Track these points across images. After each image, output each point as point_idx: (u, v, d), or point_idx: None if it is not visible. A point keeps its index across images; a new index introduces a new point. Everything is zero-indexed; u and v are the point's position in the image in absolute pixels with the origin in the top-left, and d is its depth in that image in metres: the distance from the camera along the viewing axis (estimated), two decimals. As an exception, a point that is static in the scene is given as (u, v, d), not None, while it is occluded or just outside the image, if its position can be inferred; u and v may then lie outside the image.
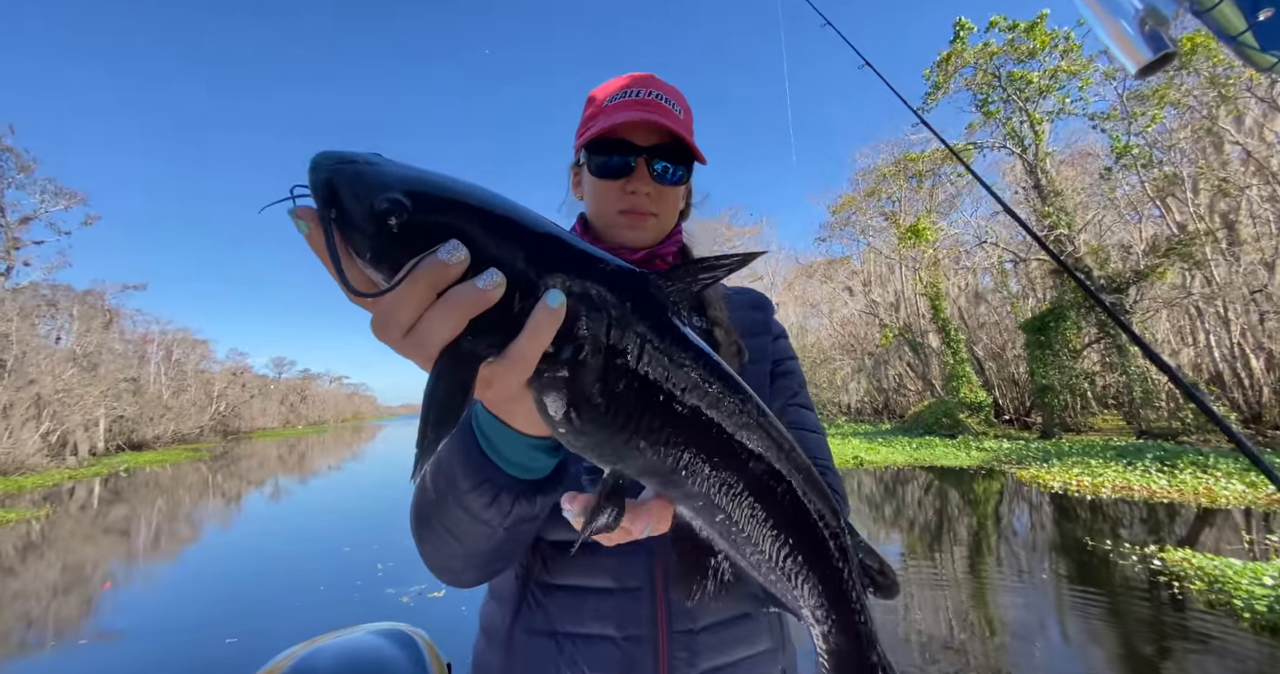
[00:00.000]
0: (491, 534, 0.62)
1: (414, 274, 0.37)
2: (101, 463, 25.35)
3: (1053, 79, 15.42)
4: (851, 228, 25.53)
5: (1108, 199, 16.76)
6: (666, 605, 0.74)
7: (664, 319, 0.44)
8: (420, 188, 0.39)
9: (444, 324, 0.38)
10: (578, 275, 0.42)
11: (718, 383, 0.45)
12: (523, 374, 0.40)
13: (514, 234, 0.41)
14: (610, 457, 0.46)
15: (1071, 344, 15.01)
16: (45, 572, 7.48)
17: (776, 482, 0.48)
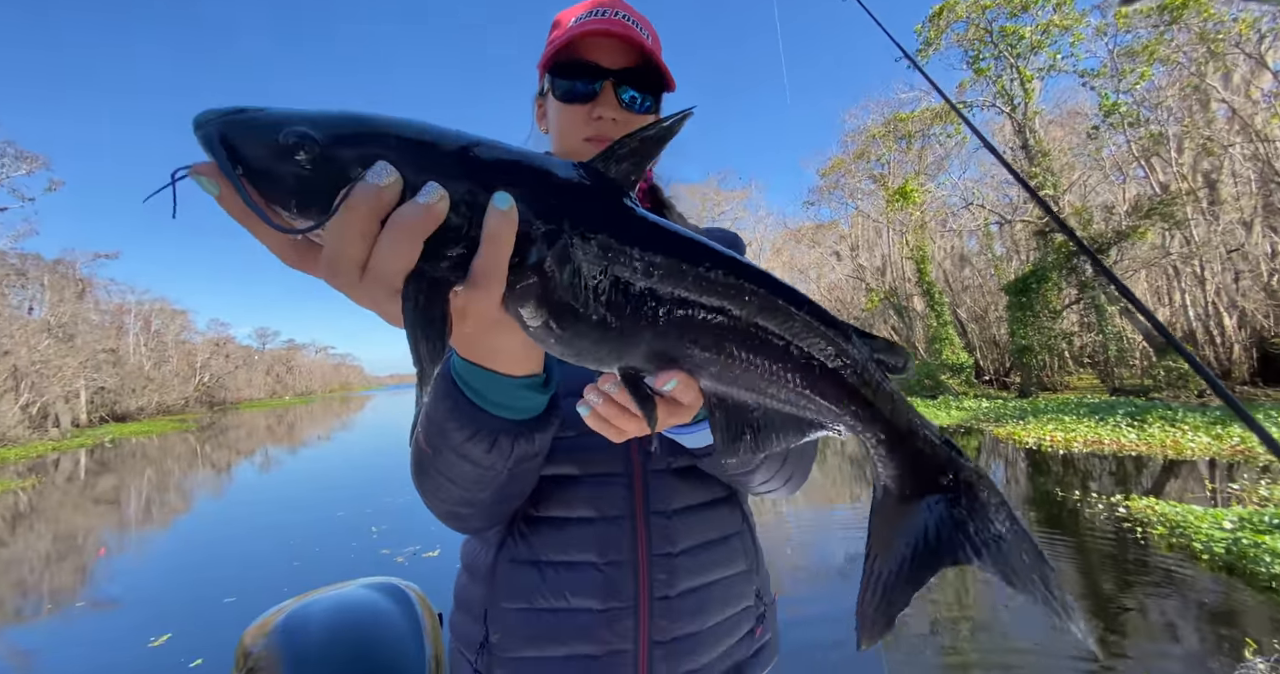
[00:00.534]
0: (496, 477, 0.62)
1: (349, 202, 0.35)
2: (85, 434, 25.13)
3: (1044, 34, 15.11)
4: (840, 191, 25.32)
5: (1094, 159, 16.74)
6: (647, 531, 0.76)
7: (619, 201, 0.43)
8: (324, 118, 0.37)
9: (397, 250, 0.36)
10: (518, 175, 0.40)
11: (689, 248, 0.44)
12: (495, 291, 0.38)
13: (440, 147, 0.39)
14: (611, 355, 0.44)
15: (1051, 305, 15.27)
16: (36, 542, 7.51)
17: (780, 321, 0.46)
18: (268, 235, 0.37)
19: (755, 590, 0.85)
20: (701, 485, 0.82)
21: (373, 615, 1.81)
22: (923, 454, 0.50)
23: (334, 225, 0.35)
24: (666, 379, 0.45)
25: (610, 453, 0.77)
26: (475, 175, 0.39)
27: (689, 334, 0.44)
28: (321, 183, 0.36)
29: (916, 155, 21.23)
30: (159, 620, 4.28)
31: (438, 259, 0.38)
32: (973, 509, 0.49)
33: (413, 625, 1.83)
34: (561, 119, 0.85)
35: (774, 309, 0.45)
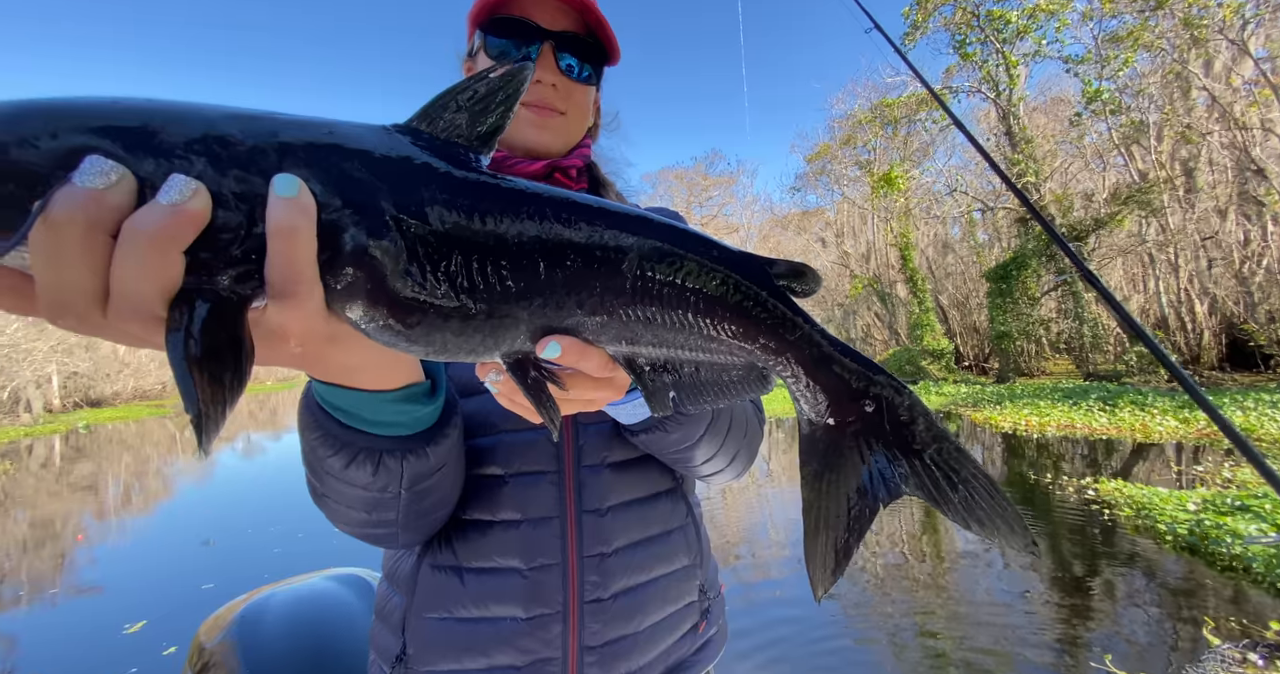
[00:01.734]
0: (393, 499, 0.57)
1: (48, 217, 0.26)
2: (59, 420, 24.55)
3: (1031, 18, 15.06)
4: (827, 177, 25.29)
5: (1076, 146, 16.88)
6: (578, 532, 0.72)
7: (449, 165, 0.36)
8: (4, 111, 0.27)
9: (147, 270, 0.27)
10: (306, 151, 0.32)
11: (543, 203, 0.37)
12: (308, 298, 0.31)
13: (183, 127, 0.29)
14: (485, 343, 0.38)
15: (1030, 291, 15.49)
16: (13, 528, 7.35)
17: (666, 264, 0.41)
18: None
19: (699, 585, 0.82)
20: (641, 479, 0.77)
21: (333, 607, 1.77)
22: (839, 379, 0.45)
23: (38, 251, 0.26)
24: (545, 345, 0.38)
25: (538, 450, 0.72)
26: (244, 158, 0.30)
27: (570, 300, 0.38)
28: (8, 197, 0.27)
29: (902, 141, 21.23)
30: (135, 607, 4.22)
31: (213, 270, 0.30)
32: (896, 432, 0.44)
33: (376, 616, 1.80)
34: None
35: (656, 252, 0.40)
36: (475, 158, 0.37)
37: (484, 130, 0.37)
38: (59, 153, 0.27)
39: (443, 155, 0.36)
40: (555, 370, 0.42)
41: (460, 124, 0.37)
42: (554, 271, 0.37)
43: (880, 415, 0.45)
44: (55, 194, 0.27)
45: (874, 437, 0.45)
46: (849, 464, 0.46)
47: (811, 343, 0.45)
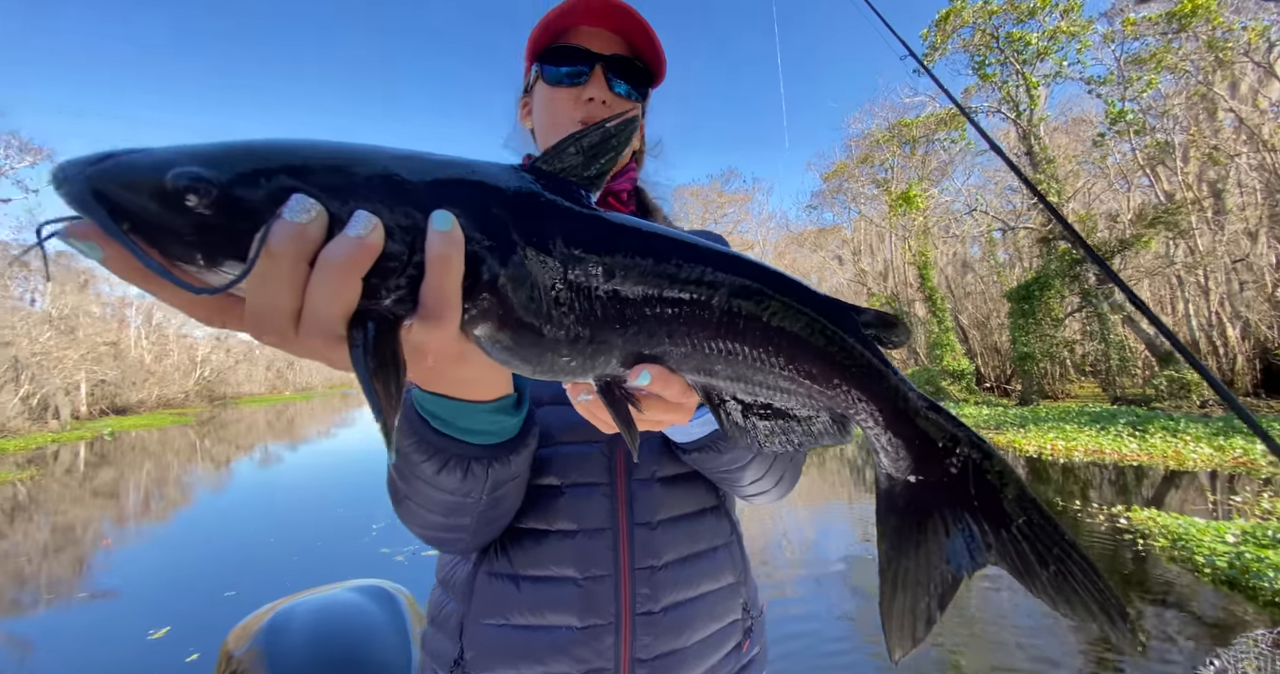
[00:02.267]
0: (475, 504, 0.61)
1: (268, 247, 0.30)
2: (85, 427, 25.15)
3: (1051, 40, 15.08)
4: (843, 195, 25.30)
5: (1098, 167, 16.70)
6: (630, 544, 0.73)
7: (570, 202, 0.39)
8: (220, 154, 0.32)
9: (334, 293, 0.32)
10: (456, 188, 0.36)
11: (650, 240, 0.40)
12: (451, 320, 0.35)
13: (361, 168, 0.34)
14: (583, 366, 0.41)
15: (1054, 313, 15.21)
16: (36, 533, 7.50)
17: (755, 303, 0.42)
18: (173, 295, 0.32)
19: (742, 603, 0.82)
20: (689, 494, 0.79)
21: (358, 618, 1.78)
22: (923, 435, 0.43)
23: (255, 276, 0.31)
24: (638, 372, 0.41)
25: (593, 462, 0.74)
26: (408, 195, 0.34)
27: (662, 330, 0.41)
28: (230, 228, 0.31)
29: (920, 160, 21.22)
30: (159, 613, 4.28)
31: (380, 295, 0.34)
32: (982, 497, 0.42)
33: (399, 629, 1.80)
34: (551, 104, 0.84)
35: (747, 291, 0.42)
36: (587, 195, 0.41)
37: (594, 172, 0.41)
38: (272, 191, 0.32)
39: (562, 193, 0.40)
40: (635, 393, 0.44)
41: (576, 165, 0.41)
42: (652, 303, 0.40)
43: (965, 477, 0.43)
44: (273, 228, 0.31)
45: (958, 500, 0.43)
46: (930, 526, 0.44)
47: (896, 394, 0.44)
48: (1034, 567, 0.40)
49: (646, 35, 0.83)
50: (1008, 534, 0.41)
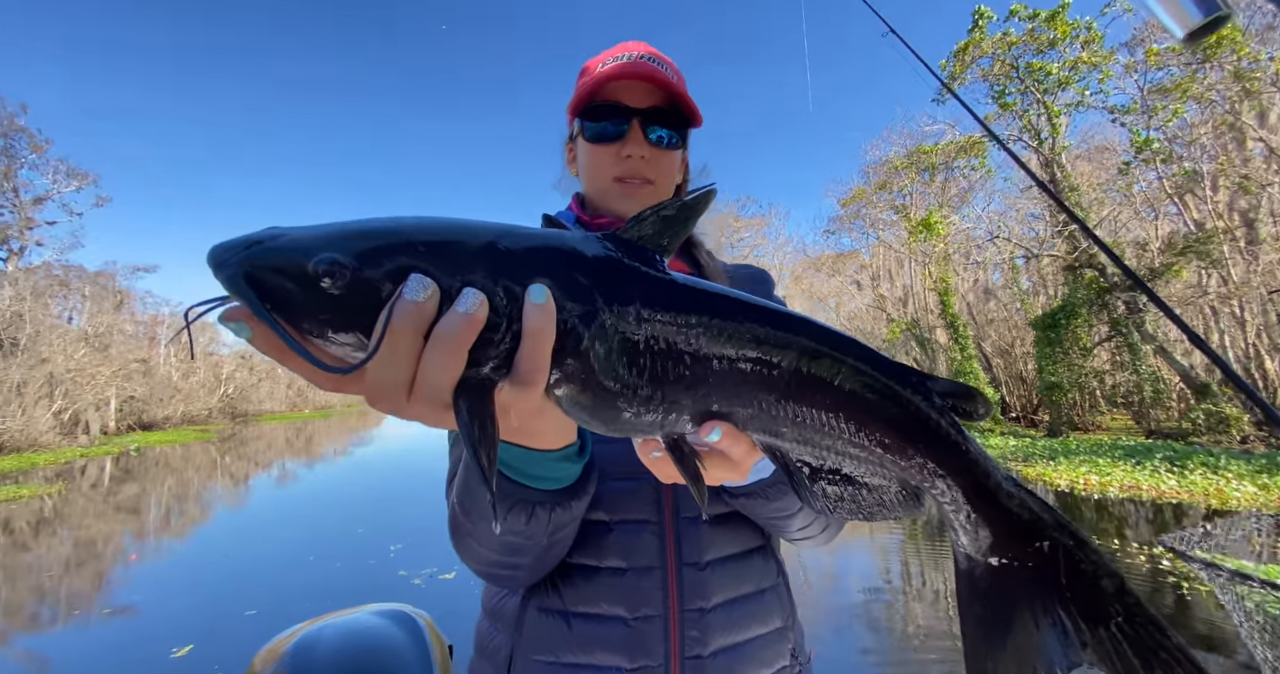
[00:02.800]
0: (535, 546, 0.63)
1: (392, 326, 0.34)
2: (112, 442, 25.72)
3: (1072, 70, 15.12)
4: (861, 221, 25.30)
5: (1124, 195, 16.49)
6: (679, 585, 0.72)
7: (648, 271, 0.42)
8: (348, 237, 0.36)
9: (445, 365, 0.35)
10: (549, 261, 0.39)
11: (723, 305, 0.42)
12: (540, 384, 0.38)
13: (467, 247, 0.38)
14: (654, 425, 0.43)
15: (1082, 342, 14.85)
16: (59, 547, 7.61)
17: (826, 368, 0.42)
18: (304, 367, 0.35)
19: (791, 649, 0.80)
20: (736, 535, 0.78)
21: (382, 643, 1.77)
22: (1006, 515, 0.41)
23: (380, 352, 0.34)
24: (709, 429, 0.43)
25: (641, 498, 0.74)
26: (508, 269, 0.38)
27: (731, 392, 0.42)
28: (358, 305, 0.35)
29: (940, 187, 21.18)
30: (182, 630, 4.31)
31: (481, 363, 0.37)
32: (1076, 590, 0.40)
33: (421, 655, 1.79)
34: (592, 159, 0.87)
35: (818, 356, 0.42)
36: (661, 260, 0.43)
37: (668, 241, 0.43)
38: (393, 272, 0.35)
39: (640, 260, 0.42)
40: (699, 449, 0.46)
41: (652, 234, 0.43)
42: (722, 364, 0.42)
43: (1056, 565, 0.40)
44: (395, 307, 0.34)
45: (1048, 590, 0.40)
46: (1019, 617, 0.41)
47: (976, 469, 0.42)
48: (1137, 671, 0.37)
49: (681, 85, 0.86)
50: (1105, 632, 0.38)
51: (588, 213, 0.92)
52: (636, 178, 0.86)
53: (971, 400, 0.43)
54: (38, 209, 28.31)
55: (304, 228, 0.37)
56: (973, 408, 0.44)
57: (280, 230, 0.36)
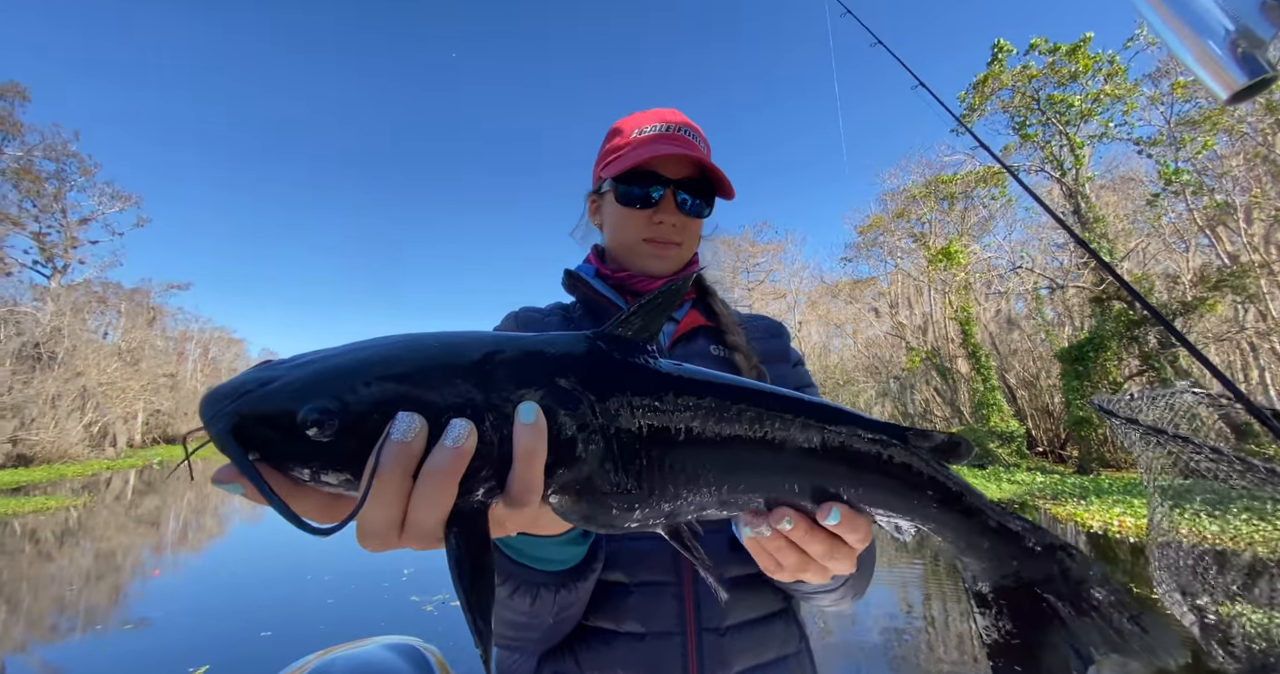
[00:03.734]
0: (541, 624, 0.63)
1: (380, 472, 0.33)
2: (137, 455, 26.26)
3: (1095, 103, 15.07)
4: (879, 248, 25.19)
5: (1152, 227, 16.20)
6: (699, 652, 0.70)
7: (639, 367, 0.42)
8: (336, 381, 0.35)
9: (436, 503, 0.34)
10: (537, 376, 0.38)
11: (719, 392, 0.43)
12: (534, 503, 0.37)
13: (454, 372, 0.37)
14: (656, 519, 0.43)
15: (1111, 376, 14.41)
16: (80, 559, 7.73)
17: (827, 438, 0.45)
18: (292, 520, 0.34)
19: None
20: (757, 598, 0.76)
21: (392, 680, 1.74)
22: (1008, 545, 0.46)
23: (369, 496, 0.33)
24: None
25: (658, 559, 0.73)
26: (496, 388, 0.37)
27: (739, 480, 0.43)
28: (346, 450, 0.34)
29: (959, 216, 21.07)
30: (198, 650, 4.31)
31: (472, 491, 0.36)
32: (1077, 600, 0.45)
33: (431, 694, 1.76)
34: (622, 220, 0.90)
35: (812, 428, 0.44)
36: (653, 352, 0.44)
37: (656, 327, 0.44)
38: (379, 412, 0.34)
39: (632, 357, 0.42)
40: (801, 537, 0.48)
41: (638, 326, 0.43)
42: (724, 453, 0.42)
43: (1056, 579, 0.46)
44: (383, 450, 0.33)
45: (1056, 601, 0.46)
46: (1035, 629, 0.46)
47: (974, 511, 0.47)
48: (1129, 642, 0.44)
49: (709, 158, 0.90)
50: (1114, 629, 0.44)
51: (608, 266, 0.93)
52: (665, 241, 0.89)
53: (955, 449, 0.47)
54: (82, 229, 29.69)
55: (293, 363, 0.37)
56: (957, 454, 0.47)
57: (271, 371, 0.36)
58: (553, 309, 0.94)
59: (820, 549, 0.47)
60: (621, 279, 0.91)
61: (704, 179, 0.89)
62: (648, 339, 0.43)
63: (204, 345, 45.67)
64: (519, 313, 0.93)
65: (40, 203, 27.28)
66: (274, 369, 0.36)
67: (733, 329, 0.89)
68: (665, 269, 0.91)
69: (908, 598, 5.55)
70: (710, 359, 0.87)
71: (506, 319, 0.93)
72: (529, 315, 0.92)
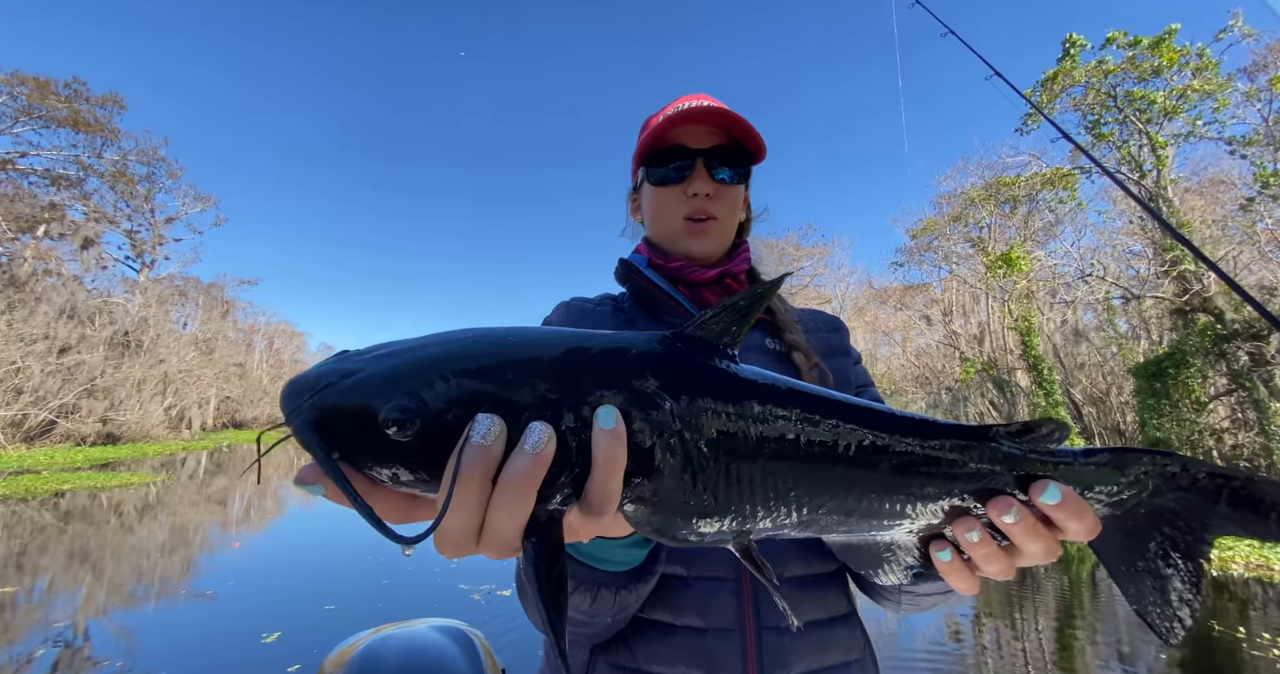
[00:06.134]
0: (599, 622, 0.63)
1: (461, 476, 0.32)
2: (209, 438, 28.21)
3: (1181, 99, 13.97)
4: (933, 253, 24.16)
5: (1246, 233, 14.87)
6: (758, 650, 0.69)
7: (717, 372, 0.39)
8: (416, 377, 0.34)
9: (515, 511, 0.33)
10: (617, 379, 0.37)
11: (802, 402, 0.41)
12: (611, 513, 0.35)
13: (533, 371, 0.36)
14: (724, 538, 0.41)
15: (1194, 394, 13.29)
16: (158, 531, 8.37)
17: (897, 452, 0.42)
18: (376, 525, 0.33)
19: None
20: (819, 599, 0.73)
21: (441, 660, 1.81)
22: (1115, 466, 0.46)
23: (451, 501, 0.32)
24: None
25: (716, 555, 0.71)
26: (573, 392, 0.36)
27: (823, 499, 0.41)
28: (427, 450, 0.34)
29: (1022, 220, 19.96)
30: (270, 618, 4.68)
31: (549, 499, 0.35)
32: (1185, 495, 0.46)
33: (476, 674, 1.81)
34: (658, 202, 0.89)
35: (906, 443, 0.42)
36: (734, 354, 0.42)
37: (736, 330, 0.42)
38: (459, 412, 0.34)
39: (715, 362, 0.40)
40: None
41: (719, 329, 0.41)
42: (805, 468, 0.40)
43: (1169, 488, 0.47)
44: (464, 453, 0.32)
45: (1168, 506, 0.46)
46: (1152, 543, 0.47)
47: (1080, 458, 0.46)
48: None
49: (741, 122, 0.87)
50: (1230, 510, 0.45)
51: (659, 255, 0.92)
52: (702, 214, 0.87)
53: (1040, 430, 0.45)
54: (168, 228, 32.24)
55: (373, 354, 0.36)
56: (1048, 436, 0.45)
57: (351, 363, 0.35)
58: (602, 300, 0.93)
59: (1041, 548, 0.43)
60: (674, 269, 0.89)
61: (736, 148, 0.87)
62: (729, 343, 0.41)
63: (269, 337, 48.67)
64: (571, 302, 0.92)
65: (133, 203, 29.80)
66: (353, 360, 0.35)
67: (790, 325, 0.87)
68: (708, 249, 0.89)
69: (957, 624, 5.28)
70: (765, 353, 0.85)
71: (558, 309, 0.92)
72: (580, 305, 0.91)
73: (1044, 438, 0.44)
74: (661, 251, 0.92)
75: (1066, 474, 0.44)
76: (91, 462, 16.68)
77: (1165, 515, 0.46)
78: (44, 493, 11.21)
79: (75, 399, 20.59)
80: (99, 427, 21.21)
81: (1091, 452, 0.46)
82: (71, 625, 4.63)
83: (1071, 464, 0.45)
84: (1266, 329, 12.17)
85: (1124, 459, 0.45)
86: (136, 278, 30.31)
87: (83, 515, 9.28)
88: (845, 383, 0.88)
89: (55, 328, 20.65)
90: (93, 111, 25.08)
